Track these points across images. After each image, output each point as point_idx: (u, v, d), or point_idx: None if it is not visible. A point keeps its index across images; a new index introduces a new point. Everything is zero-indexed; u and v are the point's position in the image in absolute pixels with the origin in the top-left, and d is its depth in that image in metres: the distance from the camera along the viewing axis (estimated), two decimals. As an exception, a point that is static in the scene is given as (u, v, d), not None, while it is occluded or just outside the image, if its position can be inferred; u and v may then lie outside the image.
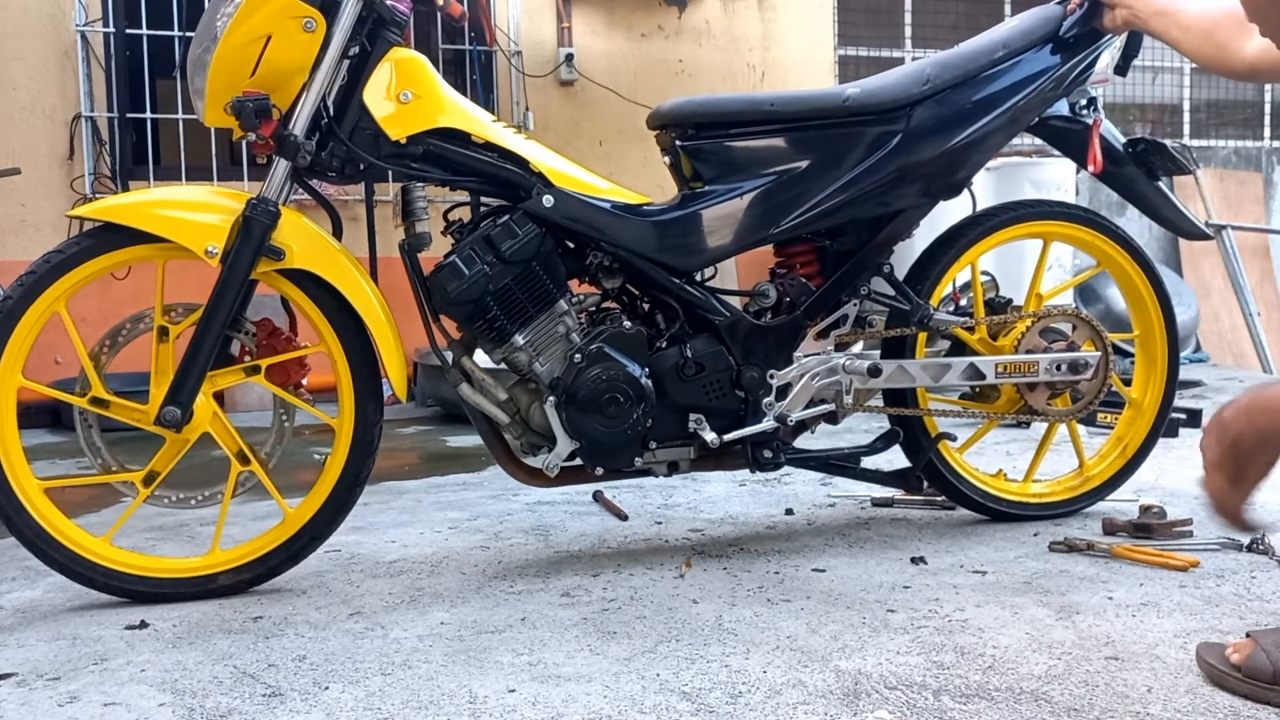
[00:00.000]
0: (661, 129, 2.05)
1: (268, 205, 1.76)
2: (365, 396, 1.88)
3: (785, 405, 2.00)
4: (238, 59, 1.73)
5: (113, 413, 1.81)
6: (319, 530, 1.88)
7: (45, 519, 1.78)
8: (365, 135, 1.81)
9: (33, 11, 4.77)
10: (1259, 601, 1.67)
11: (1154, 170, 2.20)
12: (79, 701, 1.41)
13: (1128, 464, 2.29)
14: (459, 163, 1.86)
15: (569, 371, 1.87)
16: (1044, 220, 2.20)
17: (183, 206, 1.77)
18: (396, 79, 1.82)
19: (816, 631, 1.58)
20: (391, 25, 1.81)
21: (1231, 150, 7.77)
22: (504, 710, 1.33)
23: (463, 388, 1.90)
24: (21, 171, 4.49)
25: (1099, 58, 2.09)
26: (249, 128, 1.73)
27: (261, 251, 1.75)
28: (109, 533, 1.83)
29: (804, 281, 2.04)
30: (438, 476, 3.04)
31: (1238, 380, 4.78)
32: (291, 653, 1.57)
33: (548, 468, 1.92)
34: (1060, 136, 2.18)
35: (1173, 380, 2.28)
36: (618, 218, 1.90)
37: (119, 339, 1.83)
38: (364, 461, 1.89)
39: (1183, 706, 1.29)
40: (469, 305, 1.83)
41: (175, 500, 1.87)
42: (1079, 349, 2.16)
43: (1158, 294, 2.26)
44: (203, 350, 1.77)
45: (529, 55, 5.54)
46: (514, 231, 1.83)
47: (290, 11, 1.73)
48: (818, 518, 2.35)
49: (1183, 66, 7.70)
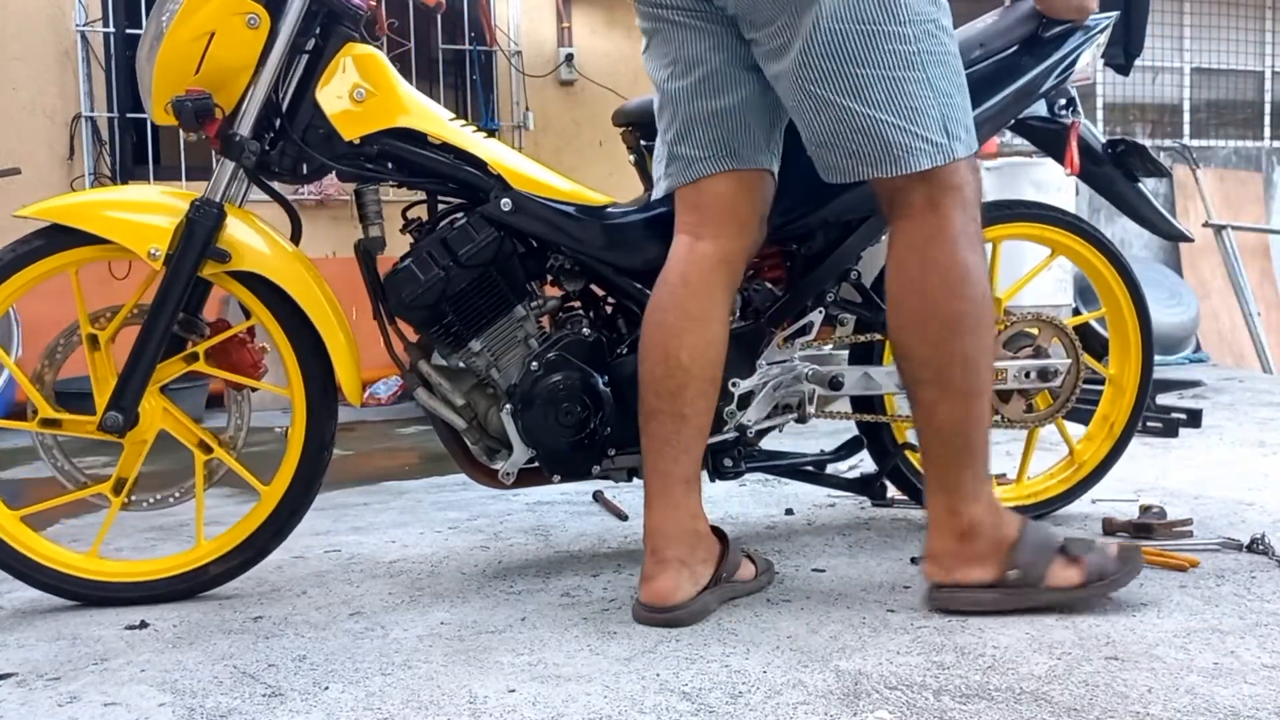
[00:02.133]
0: (626, 127, 2.02)
1: (210, 207, 1.73)
2: (308, 358, 1.84)
3: (746, 415, 1.94)
4: (181, 56, 1.71)
5: (67, 430, 1.79)
6: (296, 503, 1.86)
7: (27, 547, 1.78)
8: (318, 134, 1.78)
9: (33, 11, 4.77)
10: (1259, 601, 1.67)
11: (1133, 171, 2.19)
12: (79, 701, 1.41)
13: (1117, 443, 2.27)
14: (415, 163, 1.83)
15: (526, 379, 1.84)
16: (990, 225, 2.11)
17: (129, 208, 1.76)
18: (351, 76, 1.78)
19: (816, 631, 1.58)
20: (345, 20, 1.78)
21: (1231, 150, 7.77)
22: (504, 710, 1.33)
23: (419, 392, 1.88)
24: (21, 171, 4.50)
25: (1080, 57, 2.05)
26: (189, 128, 1.71)
27: (206, 254, 1.73)
28: (92, 548, 1.83)
29: (769, 288, 1.96)
30: (438, 476, 3.04)
31: (1238, 380, 4.78)
32: (291, 653, 1.57)
33: (504, 475, 1.89)
34: (1038, 136, 2.16)
35: (1148, 352, 2.26)
36: (578, 220, 1.86)
37: (56, 356, 1.81)
38: (326, 424, 1.86)
39: (1183, 706, 1.29)
40: (425, 310, 1.80)
41: (153, 502, 1.87)
42: (1046, 352, 2.14)
43: (1118, 269, 2.23)
44: (145, 354, 1.74)
45: (529, 55, 5.54)
46: (471, 235, 1.80)
47: (233, 8, 1.71)
48: (818, 518, 2.35)
49: (1183, 66, 7.70)
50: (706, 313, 1.69)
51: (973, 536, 1.60)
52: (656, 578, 1.64)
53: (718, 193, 1.71)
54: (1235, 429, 3.43)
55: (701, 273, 1.69)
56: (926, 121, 1.55)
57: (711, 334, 1.69)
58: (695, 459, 1.71)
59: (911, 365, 1.63)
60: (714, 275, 1.69)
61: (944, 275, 1.57)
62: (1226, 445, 3.14)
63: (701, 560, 1.68)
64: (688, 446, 1.69)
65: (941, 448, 1.62)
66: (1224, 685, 1.34)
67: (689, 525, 1.68)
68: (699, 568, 1.67)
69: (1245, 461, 2.87)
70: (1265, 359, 6.72)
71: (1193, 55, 7.70)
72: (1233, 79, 7.86)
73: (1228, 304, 6.95)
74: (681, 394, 1.67)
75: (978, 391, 1.60)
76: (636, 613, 1.66)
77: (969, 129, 1.61)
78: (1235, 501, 2.37)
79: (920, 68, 1.55)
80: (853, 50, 1.54)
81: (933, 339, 1.58)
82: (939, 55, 1.57)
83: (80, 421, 1.79)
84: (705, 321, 1.68)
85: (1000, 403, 2.13)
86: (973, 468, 1.62)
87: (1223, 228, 7.05)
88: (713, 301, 1.69)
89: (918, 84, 1.55)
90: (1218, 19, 7.76)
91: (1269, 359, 6.72)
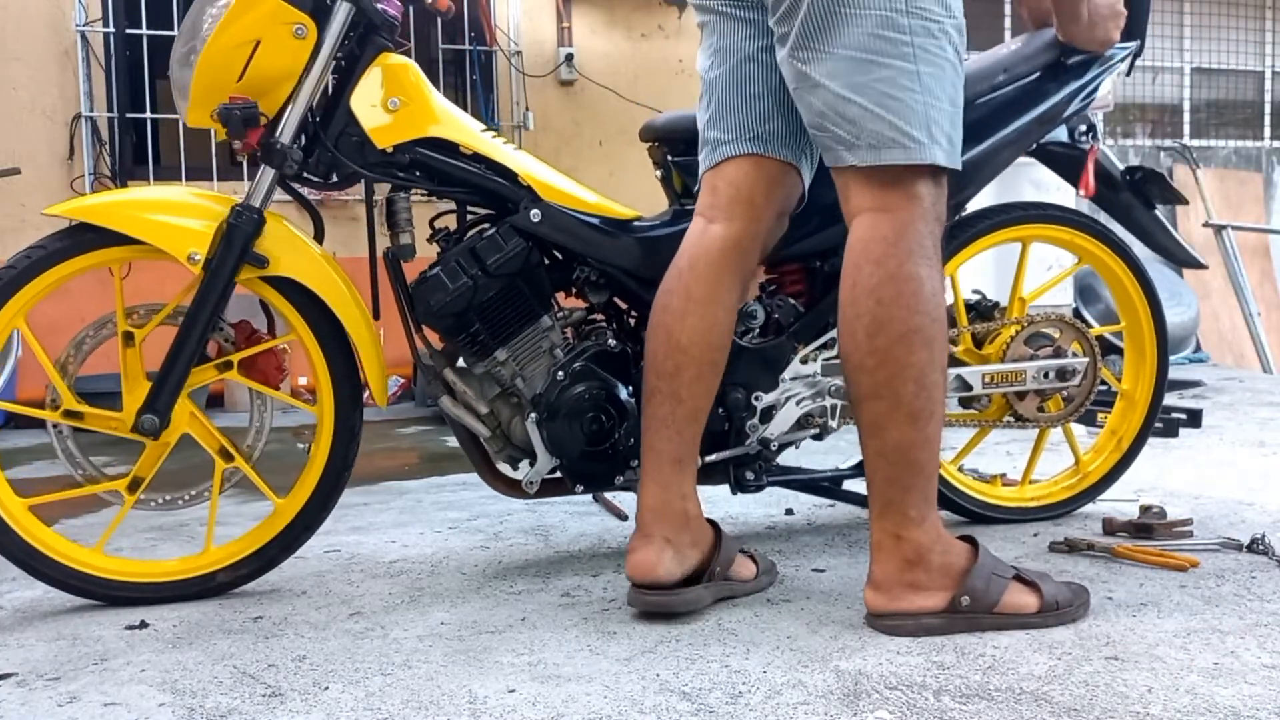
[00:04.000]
0: (654, 143, 2.03)
1: (251, 213, 1.73)
2: (342, 381, 1.86)
3: (769, 429, 1.95)
4: (224, 62, 1.70)
5: (88, 424, 1.79)
6: (310, 519, 1.88)
7: (34, 537, 1.77)
8: (351, 142, 1.79)
9: (33, 11, 4.77)
10: (1259, 601, 1.67)
11: (1150, 199, 2.20)
12: (79, 701, 1.41)
13: (1124, 457, 2.28)
14: (447, 173, 1.84)
15: (551, 389, 1.85)
16: (1023, 224, 2.17)
17: (164, 209, 1.74)
18: (385, 85, 1.79)
19: (816, 631, 1.58)
20: (382, 30, 1.79)
21: (1231, 150, 7.77)
22: (504, 710, 1.33)
23: (444, 400, 1.88)
24: (21, 171, 4.50)
25: (1101, 84, 2.06)
26: (236, 137, 1.70)
27: (245, 259, 1.73)
28: (99, 543, 1.83)
29: (792, 303, 1.98)
30: (438, 476, 3.04)
31: (1238, 380, 4.78)
32: (291, 653, 1.57)
33: (527, 484, 1.90)
34: (1057, 162, 2.17)
35: (1163, 370, 2.27)
36: (605, 233, 1.88)
37: (83, 347, 1.80)
38: (349, 447, 1.87)
39: (1183, 706, 1.29)
40: (452, 319, 1.81)
41: (162, 503, 1.87)
42: (1066, 353, 2.14)
43: (1141, 284, 2.25)
44: (181, 358, 1.75)
45: (529, 55, 5.54)
46: (500, 245, 1.81)
47: (281, 17, 1.70)
48: (818, 518, 2.35)
49: (1183, 67, 7.70)
50: (710, 296, 1.69)
51: (918, 564, 1.54)
52: (638, 550, 1.66)
53: (736, 176, 1.72)
54: (1235, 429, 3.43)
55: (710, 256, 1.69)
56: (908, 115, 1.53)
57: (714, 318, 1.69)
58: (689, 440, 1.70)
59: (859, 378, 1.56)
60: (721, 258, 1.69)
61: (899, 286, 1.52)
62: (1226, 445, 3.14)
63: (689, 544, 1.68)
64: (681, 427, 1.69)
65: (887, 469, 1.55)
66: (1224, 685, 1.34)
67: (677, 505, 1.69)
68: (686, 550, 1.68)
69: (1245, 461, 2.87)
70: (1265, 359, 6.72)
71: (1193, 55, 7.70)
72: (1233, 79, 7.86)
73: (1228, 304, 6.95)
74: (679, 375, 1.68)
75: (927, 412, 1.54)
76: (629, 597, 1.67)
77: (953, 140, 1.57)
78: (1235, 501, 2.37)
79: (912, 60, 1.53)
80: (845, 34, 1.53)
81: (882, 351, 1.53)
82: (935, 55, 1.54)
83: (102, 416, 1.78)
84: (708, 304, 1.69)
85: (1016, 399, 2.14)
86: (919, 490, 1.55)
87: (1223, 228, 7.05)
88: (718, 285, 1.69)
89: (906, 76, 1.53)
90: (1218, 19, 7.76)
91: (1269, 359, 6.72)
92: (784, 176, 1.73)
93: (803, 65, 1.57)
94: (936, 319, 1.54)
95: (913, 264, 1.53)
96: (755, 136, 1.71)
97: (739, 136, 1.72)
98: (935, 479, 1.58)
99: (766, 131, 1.70)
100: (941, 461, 2.16)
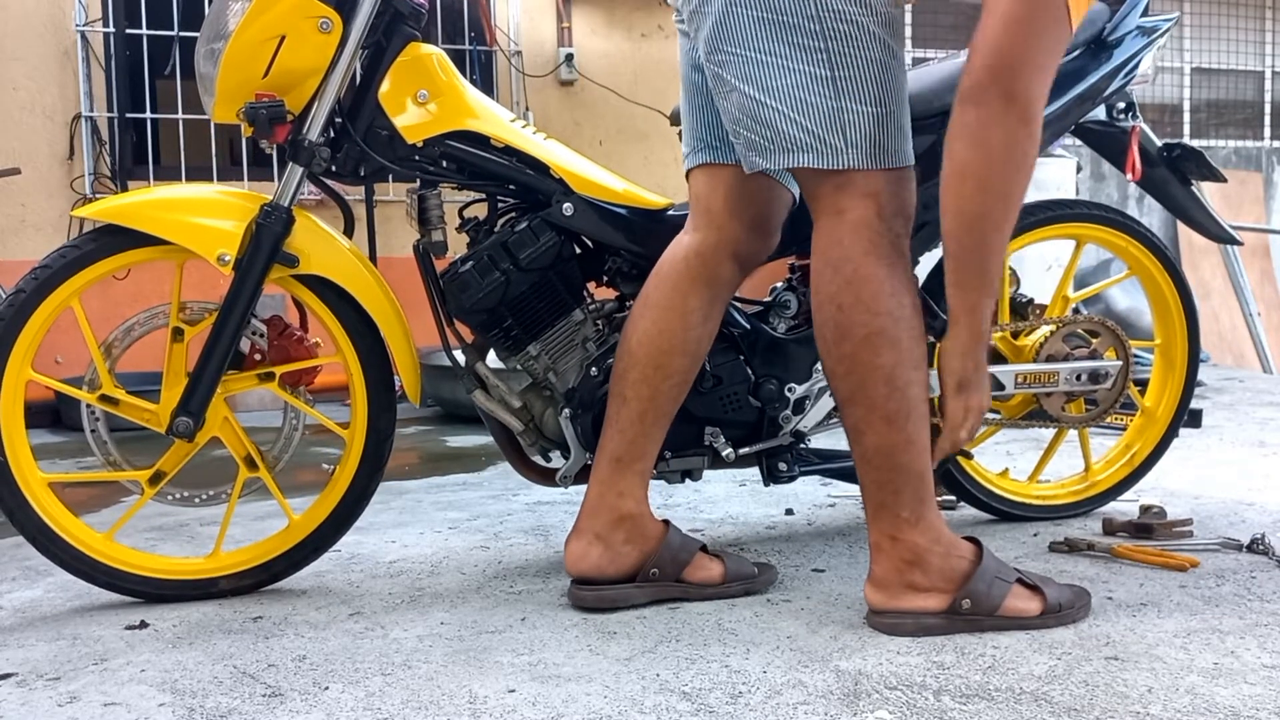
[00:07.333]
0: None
1: (281, 212, 1.72)
2: (379, 410, 1.86)
3: (802, 421, 1.94)
4: (249, 58, 1.68)
5: (122, 411, 1.78)
6: (323, 540, 1.87)
7: (49, 514, 1.76)
8: (380, 136, 1.76)
9: (33, 11, 4.77)
10: (1259, 601, 1.67)
11: (1187, 175, 2.18)
12: (79, 701, 1.41)
13: (1134, 472, 2.28)
14: (478, 166, 1.81)
15: (585, 383, 1.84)
16: (1076, 223, 2.16)
17: (192, 209, 1.72)
18: (414, 78, 1.75)
19: (816, 631, 1.58)
20: (409, 19, 1.74)
21: (1231, 150, 7.77)
22: (504, 710, 1.33)
23: (476, 394, 1.87)
24: (21, 171, 4.49)
25: (1143, 60, 2.04)
26: (263, 135, 1.69)
27: (275, 258, 1.72)
28: (112, 530, 1.82)
29: None
30: (438, 476, 3.04)
31: (1238, 380, 4.78)
32: (291, 653, 1.57)
33: (561, 478, 1.91)
34: (1098, 140, 2.15)
35: (1189, 391, 2.26)
36: (637, 225, 1.86)
37: (132, 333, 1.80)
38: (373, 475, 1.88)
39: (1183, 706, 1.29)
40: (484, 314, 1.80)
41: (179, 498, 1.86)
42: (1100, 356, 2.13)
43: (1184, 304, 2.23)
44: (214, 359, 1.74)
45: (529, 55, 5.54)
46: (533, 240, 1.80)
47: (305, 11, 1.67)
48: (818, 518, 2.35)
49: (1183, 67, 7.71)
50: (666, 302, 1.70)
51: (916, 565, 1.54)
52: (569, 544, 1.73)
53: (697, 186, 1.76)
54: (1235, 429, 3.43)
55: (674, 263, 1.72)
56: (819, 118, 1.49)
57: (665, 323, 1.69)
58: (631, 440, 1.71)
59: (834, 384, 1.56)
60: (684, 267, 1.71)
61: (857, 290, 1.50)
62: (1226, 445, 3.14)
63: (623, 541, 1.70)
64: (624, 427, 1.71)
65: (874, 473, 1.55)
66: (1224, 685, 1.34)
67: (612, 502, 1.71)
68: (620, 548, 1.70)
69: (1245, 461, 2.87)
70: (1265, 359, 6.72)
71: (1193, 55, 7.70)
72: (1233, 79, 7.86)
73: (1228, 304, 6.95)
74: (625, 377, 1.71)
75: (904, 412, 1.51)
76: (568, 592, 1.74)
77: (882, 141, 1.51)
78: (1235, 501, 2.37)
79: (824, 65, 1.48)
80: (755, 38, 1.51)
81: (849, 357, 1.52)
82: (851, 57, 1.49)
83: (138, 406, 1.78)
84: (661, 310, 1.70)
85: (1044, 396, 2.13)
86: (909, 492, 1.54)
87: (1222, 228, 7.04)
88: (675, 292, 1.70)
89: (816, 81, 1.49)
90: (1218, 19, 7.76)
91: (1269, 359, 6.72)
92: (746, 184, 1.70)
93: (717, 68, 1.57)
94: (900, 318, 1.52)
95: (869, 265, 1.51)
96: (707, 145, 1.73)
97: (695, 147, 1.75)
98: (927, 477, 1.56)
99: (717, 139, 1.71)
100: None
